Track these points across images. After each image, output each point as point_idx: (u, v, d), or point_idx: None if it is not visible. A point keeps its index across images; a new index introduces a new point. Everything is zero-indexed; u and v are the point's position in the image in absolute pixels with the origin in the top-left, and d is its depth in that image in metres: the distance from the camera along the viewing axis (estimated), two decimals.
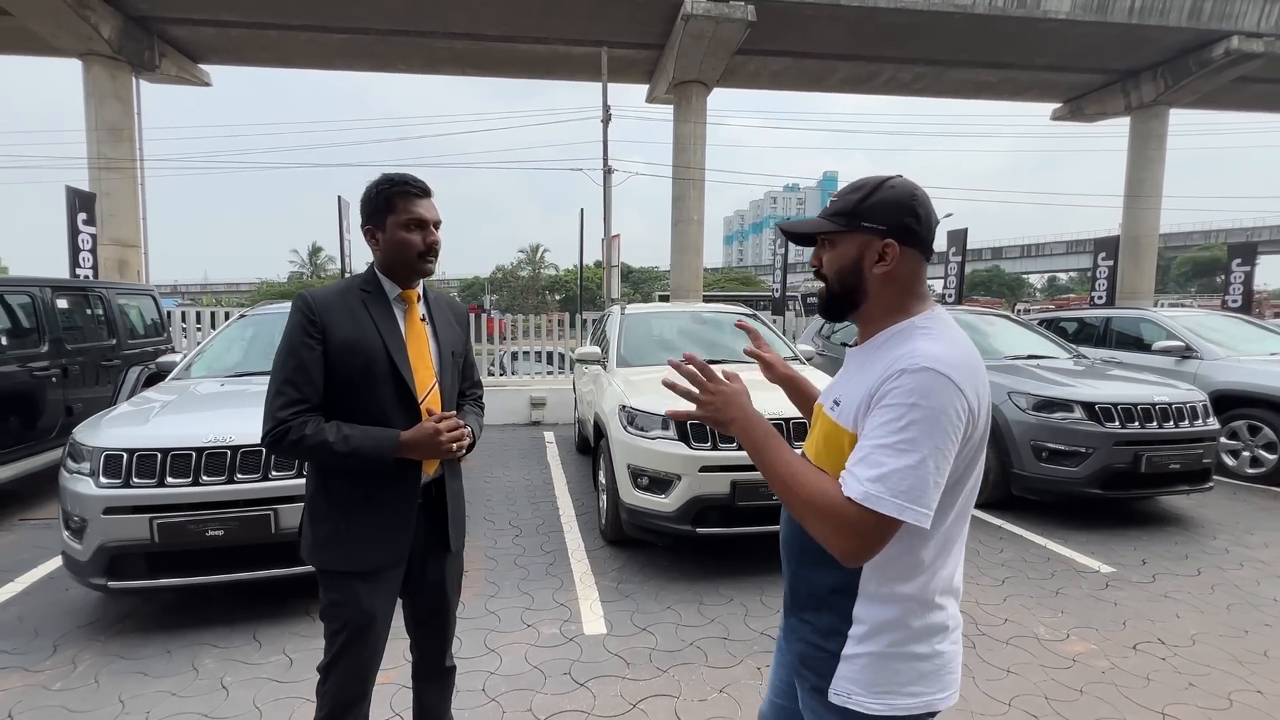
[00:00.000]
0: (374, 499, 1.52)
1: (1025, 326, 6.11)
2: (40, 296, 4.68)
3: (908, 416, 0.88)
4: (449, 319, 1.74)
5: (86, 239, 7.66)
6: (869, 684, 0.97)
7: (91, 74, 19.35)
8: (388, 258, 1.58)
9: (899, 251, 0.99)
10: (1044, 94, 25.05)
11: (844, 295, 1.05)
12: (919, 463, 0.86)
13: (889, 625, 0.97)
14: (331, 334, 1.49)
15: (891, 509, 0.86)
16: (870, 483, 0.87)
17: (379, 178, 1.57)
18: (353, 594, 1.52)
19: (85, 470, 2.78)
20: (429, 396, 1.59)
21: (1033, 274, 73.52)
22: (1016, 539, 4.05)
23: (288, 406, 1.44)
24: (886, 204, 1.00)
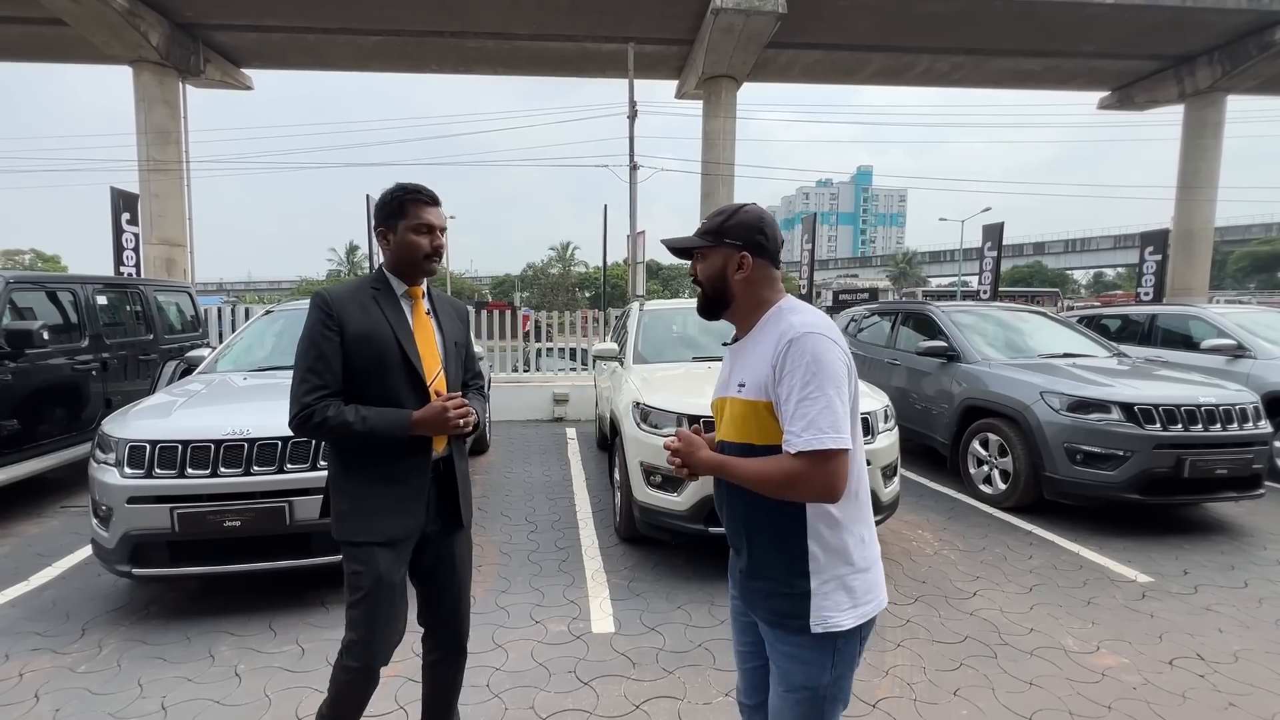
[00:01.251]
0: (389, 474, 1.67)
1: (1062, 324, 5.86)
2: (82, 293, 4.87)
3: (807, 372, 1.15)
4: (451, 314, 1.90)
5: (130, 238, 7.97)
6: (835, 606, 1.21)
7: (141, 80, 20.13)
8: (397, 257, 1.74)
9: (752, 262, 1.29)
10: (1090, 82, 24.03)
11: (715, 297, 1.34)
12: (828, 403, 1.14)
13: (839, 555, 1.22)
14: (347, 327, 1.65)
15: (830, 443, 1.12)
16: (806, 432, 1.13)
17: (393, 185, 1.74)
18: (373, 563, 1.65)
19: (111, 461, 2.87)
20: (436, 380, 1.75)
21: (1077, 270, 70.87)
22: (1047, 545, 3.88)
23: (312, 392, 1.61)
24: (741, 225, 1.30)
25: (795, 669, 1.25)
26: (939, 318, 5.58)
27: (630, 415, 3.69)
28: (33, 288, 4.51)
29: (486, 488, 5.11)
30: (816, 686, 1.24)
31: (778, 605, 1.25)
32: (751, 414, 1.24)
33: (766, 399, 1.21)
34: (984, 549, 3.81)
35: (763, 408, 1.22)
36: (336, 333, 1.64)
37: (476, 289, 61.79)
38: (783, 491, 1.17)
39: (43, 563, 3.61)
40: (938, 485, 5.15)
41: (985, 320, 5.68)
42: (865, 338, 6.87)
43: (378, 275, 1.77)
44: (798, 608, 1.22)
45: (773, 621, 1.27)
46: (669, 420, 3.48)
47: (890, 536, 3.97)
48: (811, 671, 1.24)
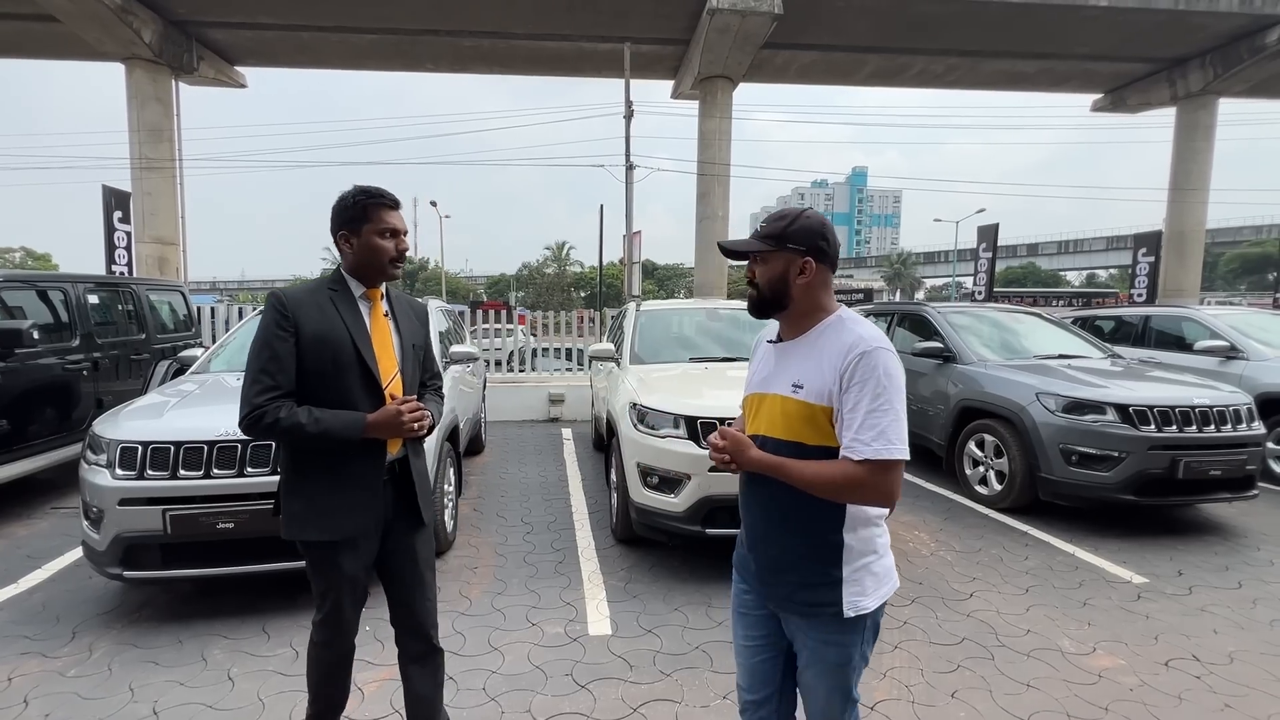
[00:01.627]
0: (342, 475, 1.68)
1: (1056, 325, 5.88)
2: (73, 292, 4.82)
3: (880, 384, 1.22)
4: (409, 315, 1.91)
5: (122, 236, 7.91)
6: (864, 591, 1.31)
7: (134, 77, 19.97)
8: (360, 261, 1.73)
9: (815, 267, 1.33)
10: (1084, 84, 24.17)
11: (773, 300, 1.37)
12: (897, 415, 1.22)
13: (864, 550, 1.32)
14: (303, 328, 1.64)
15: (896, 453, 1.20)
16: (876, 441, 1.20)
17: (353, 189, 1.72)
18: (333, 561, 1.70)
19: (102, 462, 2.84)
20: (392, 383, 1.75)
21: (1070, 271, 71.25)
22: (1042, 546, 3.89)
23: (263, 393, 1.60)
24: (805, 230, 1.33)
25: (830, 651, 1.34)
26: (934, 318, 5.60)
27: (627, 416, 3.67)
28: (23, 286, 4.46)
29: (482, 488, 5.09)
30: (849, 662, 1.35)
31: (809, 595, 1.33)
32: (808, 415, 1.29)
33: (827, 404, 1.27)
34: (980, 550, 3.81)
35: (820, 411, 1.28)
36: (291, 334, 1.63)
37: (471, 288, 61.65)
38: (840, 494, 1.25)
39: (32, 565, 3.57)
40: (934, 486, 5.16)
41: (980, 321, 5.69)
42: None
43: (336, 277, 1.77)
44: (830, 596, 1.30)
45: (804, 612, 1.35)
46: (666, 421, 3.47)
47: None
48: (844, 651, 1.34)
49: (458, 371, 4.76)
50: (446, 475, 3.78)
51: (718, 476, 3.24)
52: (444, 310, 5.67)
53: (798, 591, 1.34)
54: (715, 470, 1.45)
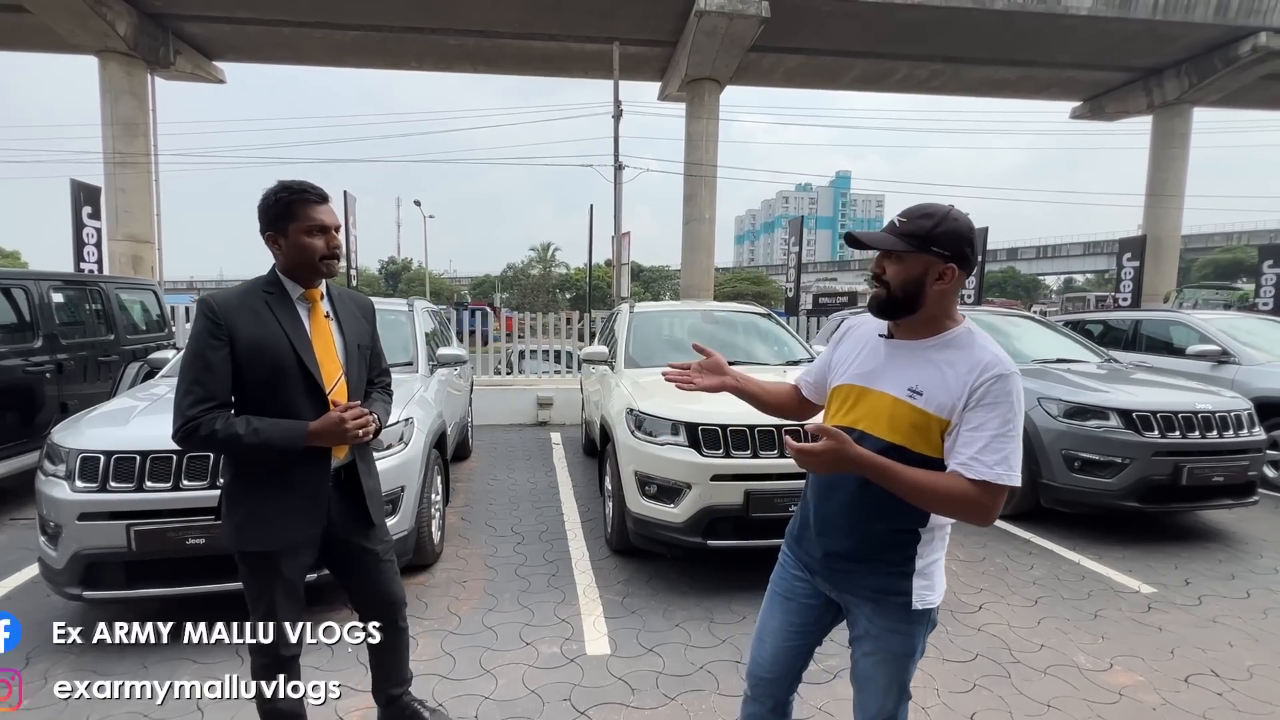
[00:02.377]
0: (286, 483, 1.65)
1: (1051, 328, 5.85)
2: (36, 291, 4.57)
3: (1010, 411, 1.20)
4: (354, 313, 1.84)
5: (91, 233, 7.59)
6: (931, 586, 1.33)
7: (108, 71, 19.42)
8: (291, 261, 1.66)
9: (957, 275, 1.26)
10: (1064, 92, 24.57)
11: (904, 301, 1.28)
12: (1019, 443, 1.20)
13: (936, 545, 1.34)
14: (237, 335, 1.58)
15: (1014, 480, 1.19)
16: (998, 465, 1.18)
17: (276, 185, 1.65)
18: (273, 567, 1.66)
19: (61, 473, 2.63)
20: (336, 388, 1.70)
21: (1049, 275, 72.46)
22: (1047, 554, 3.81)
23: (196, 405, 1.54)
24: (952, 234, 1.23)
25: (895, 640, 1.35)
26: None
27: (623, 422, 3.53)
28: None
29: (469, 496, 4.91)
30: (913, 652, 1.36)
31: (881, 583, 1.34)
32: (922, 423, 1.25)
33: (945, 418, 1.23)
34: (984, 559, 3.73)
35: (936, 422, 1.24)
36: (225, 342, 1.57)
37: (456, 289, 61.06)
38: (941, 505, 1.23)
39: None
40: None
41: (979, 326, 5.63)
42: None
43: (270, 278, 1.69)
44: (902, 585, 1.31)
45: (875, 599, 1.35)
46: (664, 428, 3.33)
47: None
48: (909, 642, 1.35)
49: (445, 375, 4.58)
50: (434, 484, 3.61)
51: (719, 486, 3.12)
52: (430, 311, 5.48)
53: (870, 577, 1.35)
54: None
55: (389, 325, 4.59)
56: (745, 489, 3.09)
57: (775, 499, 3.09)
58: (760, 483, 3.10)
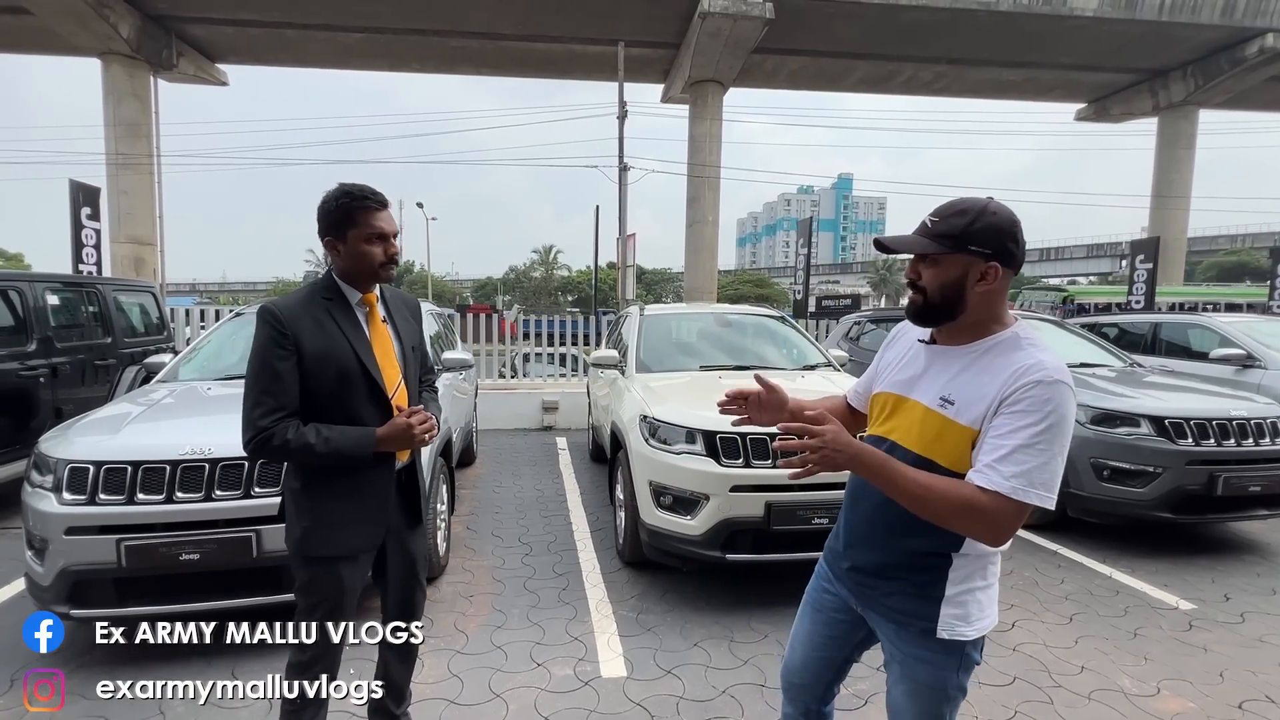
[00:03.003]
0: (354, 490, 1.64)
1: (1071, 331, 5.71)
2: (29, 292, 4.44)
3: (1045, 421, 1.04)
4: (405, 315, 1.84)
5: (90, 234, 7.46)
6: (964, 617, 1.18)
7: (110, 73, 19.39)
8: (350, 267, 1.65)
9: (1001, 273, 1.12)
10: (1068, 94, 24.46)
11: (944, 307, 1.16)
12: (1051, 459, 1.05)
13: (975, 572, 1.19)
14: (303, 345, 1.56)
15: (1034, 499, 1.04)
16: (1015, 478, 1.04)
17: (337, 190, 1.62)
18: (334, 575, 1.64)
19: (48, 484, 2.50)
20: (397, 393, 1.70)
21: (1052, 278, 72.31)
22: (1077, 567, 3.67)
23: (268, 415, 1.52)
24: (991, 229, 1.11)
25: (921, 670, 1.24)
26: None
27: (637, 430, 3.39)
28: None
29: (475, 504, 4.77)
30: (942, 688, 1.23)
31: (903, 604, 1.23)
32: (950, 435, 1.14)
33: (976, 427, 1.11)
34: (1012, 572, 3.58)
35: (965, 434, 1.12)
36: (291, 351, 1.55)
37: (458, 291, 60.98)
38: (944, 517, 1.09)
39: None
40: None
41: None
42: (866, 344, 6.69)
43: (328, 284, 1.68)
44: (927, 610, 1.20)
45: (897, 620, 1.25)
46: (679, 435, 3.19)
47: None
48: (936, 674, 1.22)
49: (450, 379, 4.45)
50: (439, 493, 3.47)
51: (739, 497, 2.97)
52: (434, 313, 5.35)
53: (895, 598, 1.25)
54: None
55: None
56: (766, 500, 2.95)
57: (798, 511, 2.95)
58: (783, 494, 2.95)
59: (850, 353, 6.64)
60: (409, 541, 1.83)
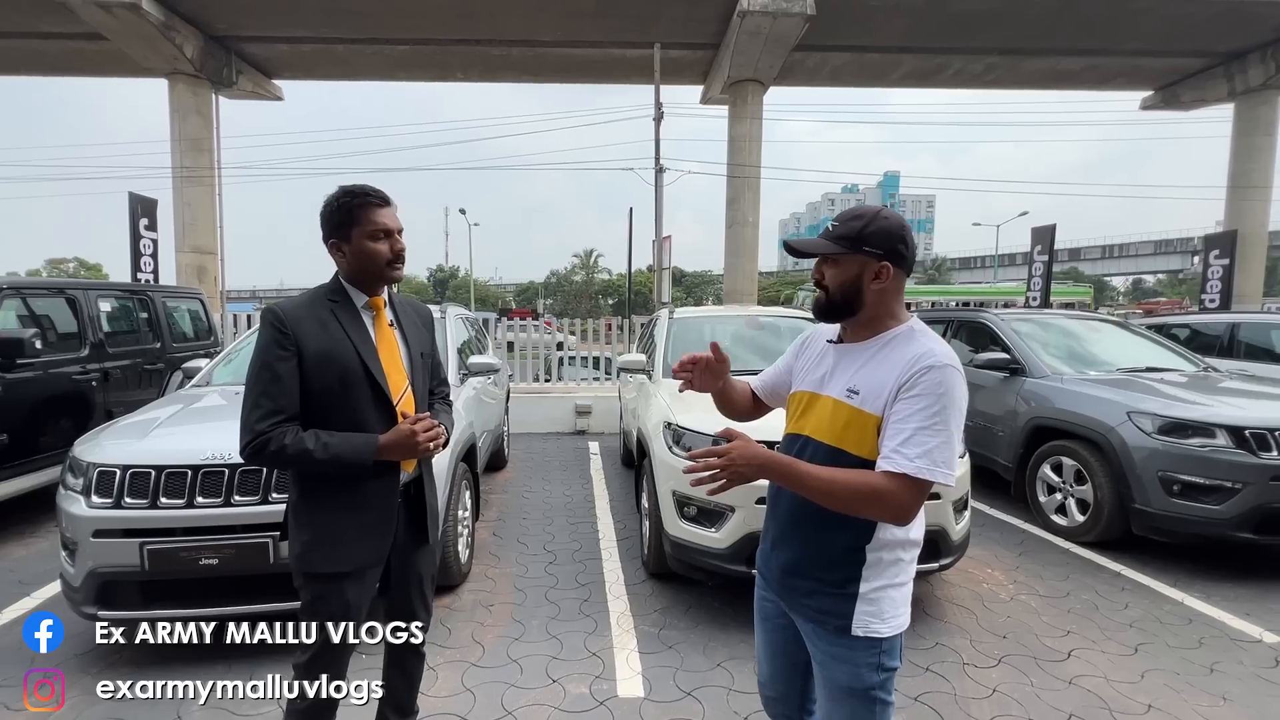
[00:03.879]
0: (356, 501, 1.58)
1: (1137, 333, 5.30)
2: (82, 300, 4.64)
3: (940, 403, 1.14)
4: (415, 322, 1.78)
5: (148, 244, 7.84)
6: (878, 614, 1.22)
7: (176, 91, 20.48)
8: (355, 268, 1.61)
9: (892, 272, 1.24)
10: (1133, 81, 23.09)
11: (843, 304, 1.29)
12: (950, 438, 1.14)
13: (887, 569, 1.24)
14: (305, 346, 1.52)
15: (939, 476, 1.13)
16: (919, 459, 1.13)
17: (338, 191, 1.59)
18: (339, 592, 1.57)
19: (79, 487, 2.56)
20: (403, 399, 1.65)
21: (1115, 276, 68.60)
22: (1144, 591, 3.36)
23: (266, 418, 1.47)
24: (883, 232, 1.23)
25: (839, 670, 1.27)
26: (998, 325, 5.07)
27: (660, 437, 3.28)
28: (27, 294, 4.28)
29: (503, 509, 4.74)
30: (861, 689, 1.25)
31: (821, 603, 1.27)
32: (857, 423, 1.23)
33: (879, 414, 1.20)
34: (1069, 594, 3.30)
35: (871, 421, 1.21)
36: (293, 353, 1.51)
37: (501, 296, 62.10)
38: (854, 505, 1.17)
39: (22, 591, 3.33)
40: (1002, 514, 4.63)
41: (1049, 329, 5.15)
42: None
43: (334, 286, 1.63)
44: (842, 607, 1.24)
45: (814, 619, 1.29)
46: (704, 443, 3.05)
47: (957, 577, 3.48)
48: (854, 672, 1.25)
49: (478, 384, 4.43)
50: (461, 499, 3.44)
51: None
52: (465, 319, 5.36)
53: (812, 596, 1.29)
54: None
55: None
56: None
57: None
58: None
59: None
60: (415, 560, 1.77)
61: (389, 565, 1.70)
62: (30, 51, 20.66)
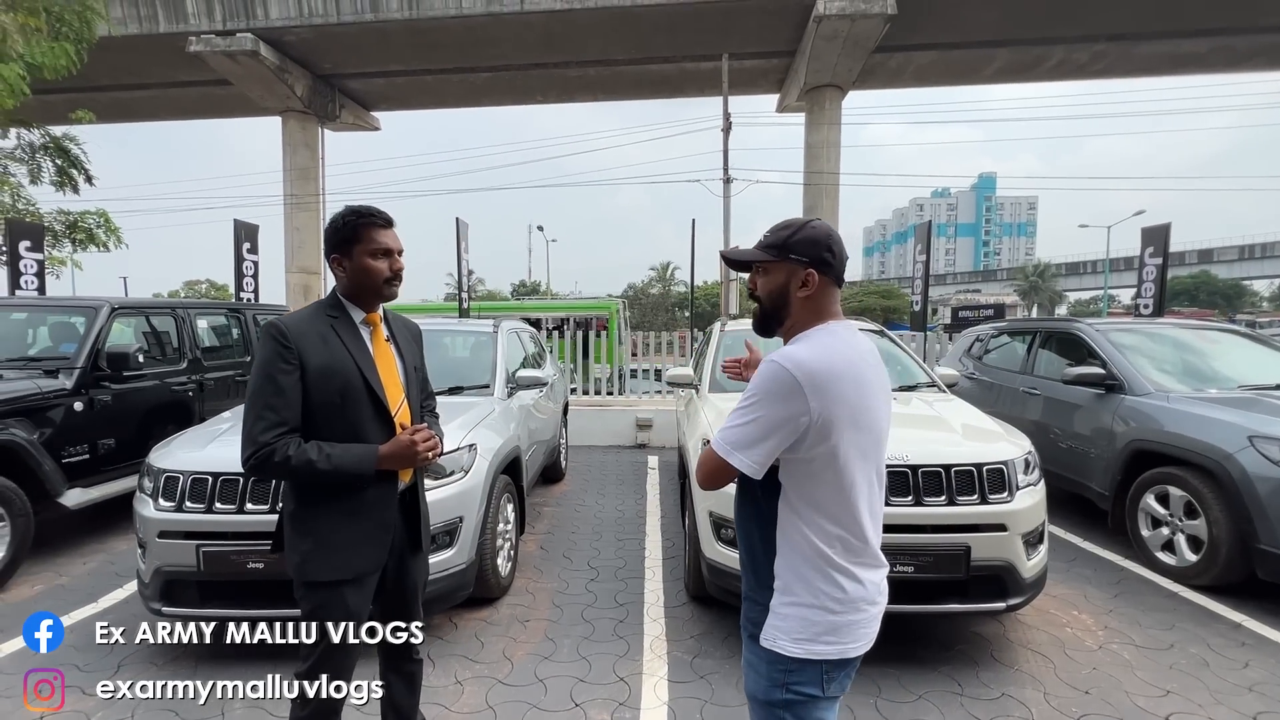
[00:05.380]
0: (354, 510, 1.62)
1: (1263, 345, 4.61)
2: (183, 317, 5.12)
3: (753, 394, 1.21)
4: (407, 337, 1.84)
5: (250, 266, 8.60)
6: (786, 631, 1.23)
7: (288, 127, 22.56)
8: (354, 284, 1.66)
9: (818, 279, 1.26)
10: (1272, 61, 20.49)
11: (773, 313, 1.32)
12: (748, 423, 1.20)
13: (802, 588, 1.23)
14: (307, 360, 1.57)
15: (722, 454, 1.21)
16: (720, 434, 1.24)
17: (344, 210, 1.65)
18: (339, 600, 1.61)
19: (149, 491, 2.78)
20: (400, 411, 1.70)
21: (1257, 280, 60.87)
22: (1270, 648, 2.86)
23: (269, 430, 1.52)
24: (808, 240, 1.26)
25: (750, 675, 1.31)
26: (1091, 337, 4.56)
27: (699, 454, 3.15)
28: (133, 312, 4.76)
29: (554, 522, 4.75)
30: (769, 700, 1.26)
31: (747, 609, 1.35)
32: None
33: None
34: (1172, 646, 2.87)
35: None
36: (295, 366, 1.56)
37: None
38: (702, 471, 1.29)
39: (118, 583, 3.66)
40: (1095, 547, 4.13)
41: (1155, 340, 4.58)
42: (993, 360, 5.86)
43: (333, 302, 1.69)
44: (758, 616, 1.28)
45: (747, 630, 1.33)
46: None
47: (1033, 617, 3.12)
48: (761, 683, 1.27)
49: (528, 397, 4.48)
50: (503, 512, 3.46)
51: None
52: (520, 332, 5.45)
53: (742, 600, 1.37)
54: None
55: (474, 346, 4.59)
56: None
57: None
58: None
59: (971, 370, 5.89)
60: (409, 567, 1.80)
61: (384, 571, 1.73)
62: (169, 99, 23.47)
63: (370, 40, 19.05)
